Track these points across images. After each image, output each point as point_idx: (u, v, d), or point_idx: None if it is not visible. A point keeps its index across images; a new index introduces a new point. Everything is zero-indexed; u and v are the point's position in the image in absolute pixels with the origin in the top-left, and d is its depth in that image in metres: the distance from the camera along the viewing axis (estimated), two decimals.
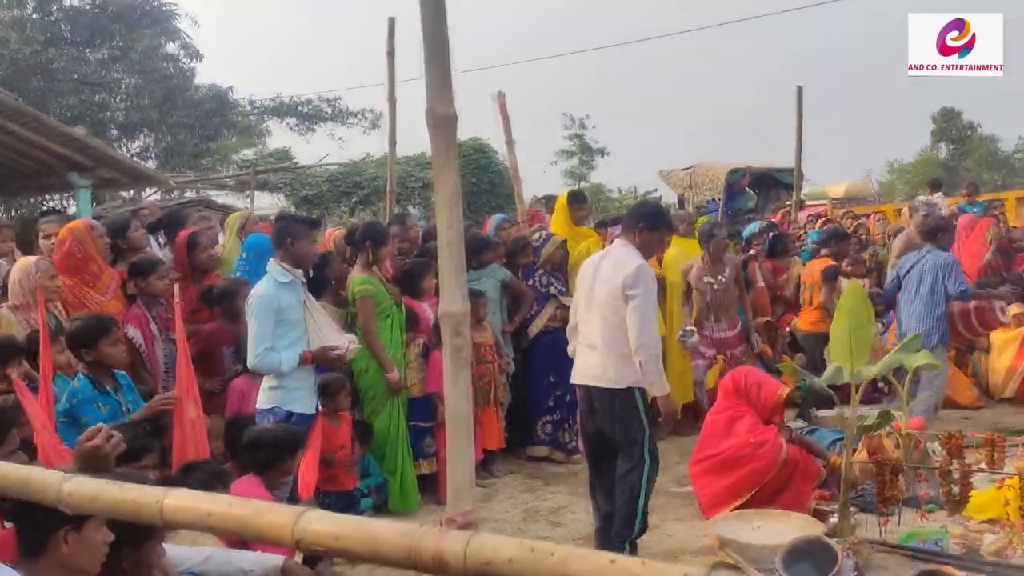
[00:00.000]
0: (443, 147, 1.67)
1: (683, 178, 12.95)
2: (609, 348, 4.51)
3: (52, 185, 11.29)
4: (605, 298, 4.52)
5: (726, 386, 5.43)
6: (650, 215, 4.81)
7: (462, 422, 1.60)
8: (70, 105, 19.87)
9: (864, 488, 5.08)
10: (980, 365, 8.26)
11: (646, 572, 1.34)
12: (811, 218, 11.44)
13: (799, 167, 9.53)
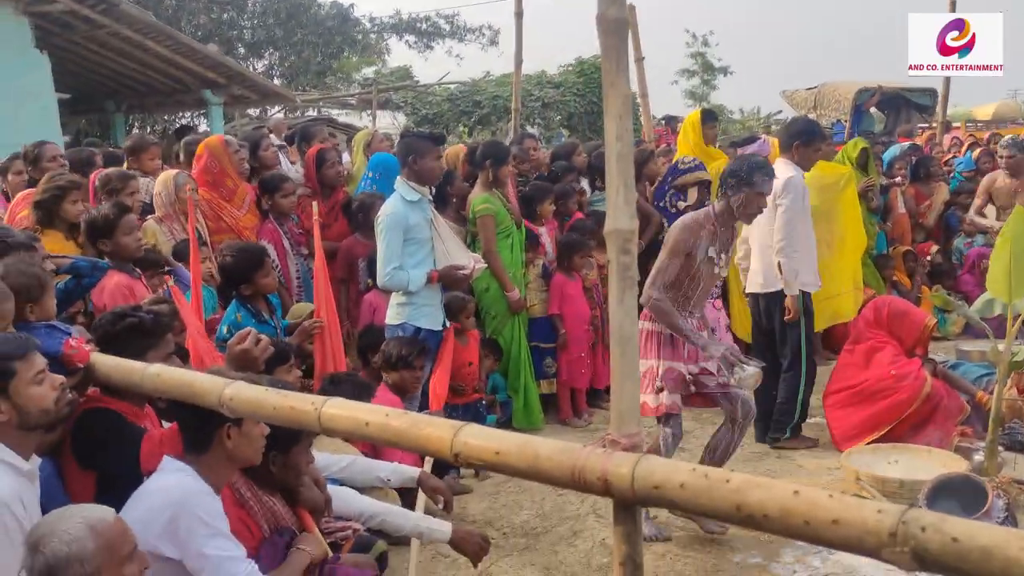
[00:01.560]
0: (614, 53, 1.57)
1: (807, 98, 12.30)
2: (763, 255, 5.07)
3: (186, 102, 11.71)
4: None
5: (867, 316, 5.20)
6: (804, 132, 5.19)
7: (628, 342, 1.55)
8: (200, 24, 20.42)
9: (1012, 426, 4.80)
10: None
11: (835, 505, 1.27)
12: (955, 141, 10.68)
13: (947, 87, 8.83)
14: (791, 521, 1.32)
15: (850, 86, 12.24)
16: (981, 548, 1.19)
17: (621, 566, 1.57)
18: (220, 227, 5.02)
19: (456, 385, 4.84)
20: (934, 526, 1.22)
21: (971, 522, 1.24)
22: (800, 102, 13.49)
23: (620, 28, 1.56)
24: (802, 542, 1.69)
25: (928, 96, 12.37)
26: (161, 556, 2.20)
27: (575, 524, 4.08)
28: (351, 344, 4.95)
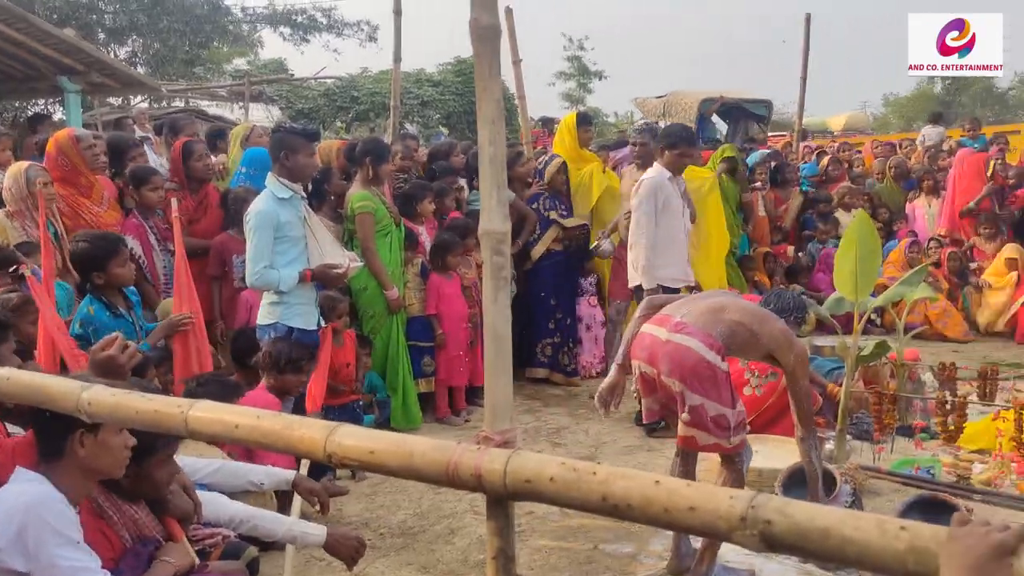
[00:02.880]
0: (487, 59, 1.60)
1: (657, 106, 12.91)
2: (629, 252, 5.58)
3: (40, 89, 10.99)
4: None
5: None
6: (667, 136, 5.50)
7: (501, 340, 1.58)
8: (56, 7, 19.23)
9: (859, 416, 5.16)
10: (971, 301, 8.35)
11: (693, 494, 1.34)
12: (807, 150, 11.36)
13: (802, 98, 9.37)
14: (652, 510, 1.38)
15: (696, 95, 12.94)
16: (820, 529, 1.28)
17: (494, 560, 1.60)
18: (79, 224, 4.75)
19: (333, 386, 4.78)
20: (779, 510, 1.31)
21: (812, 505, 1.35)
22: (651, 109, 14.17)
23: (492, 34, 1.59)
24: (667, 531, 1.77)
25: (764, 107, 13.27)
26: (11, 569, 2.08)
27: (452, 522, 4.11)
28: (225, 344, 4.81)
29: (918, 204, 9.40)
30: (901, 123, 29.21)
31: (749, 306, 3.64)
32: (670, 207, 5.40)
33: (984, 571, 1.16)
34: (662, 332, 3.45)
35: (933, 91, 32.76)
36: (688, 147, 5.47)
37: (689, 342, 3.35)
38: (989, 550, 1.16)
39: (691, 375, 3.31)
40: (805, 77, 8.77)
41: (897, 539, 1.26)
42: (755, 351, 3.60)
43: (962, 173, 9.06)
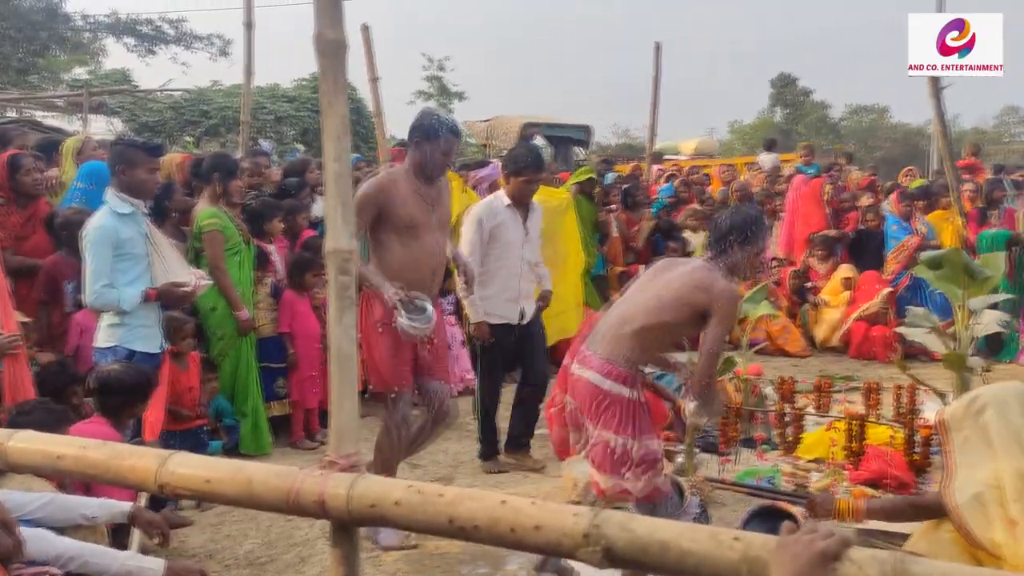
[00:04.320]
0: (332, 74, 1.58)
1: (483, 129, 13.39)
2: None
3: None
4: None
5: (584, 333, 5.56)
6: (512, 160, 5.10)
7: (346, 362, 1.54)
8: None
9: (707, 430, 5.37)
10: (809, 318, 8.90)
11: (538, 513, 1.35)
12: (660, 172, 11.85)
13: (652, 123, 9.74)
14: (499, 530, 1.38)
15: (518, 120, 13.52)
16: (660, 542, 1.32)
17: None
18: None
19: (175, 411, 4.55)
20: (621, 525, 1.34)
21: (653, 520, 1.38)
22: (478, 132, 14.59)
23: (337, 49, 1.56)
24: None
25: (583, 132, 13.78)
26: None
27: (303, 550, 3.97)
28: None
29: None
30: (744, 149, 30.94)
31: (659, 297, 3.40)
32: (501, 238, 5.01)
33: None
34: (573, 365, 3.43)
35: (773, 120, 34.95)
36: (534, 173, 5.07)
37: (587, 374, 3.34)
38: (814, 556, 1.23)
39: (591, 409, 3.29)
40: (656, 104, 9.12)
41: (731, 549, 1.31)
42: (682, 332, 3.60)
43: (800, 198, 9.68)
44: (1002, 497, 2.50)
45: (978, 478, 2.58)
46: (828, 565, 1.23)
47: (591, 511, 1.36)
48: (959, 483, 2.65)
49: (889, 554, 1.24)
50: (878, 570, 1.21)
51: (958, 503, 2.61)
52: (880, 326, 8.20)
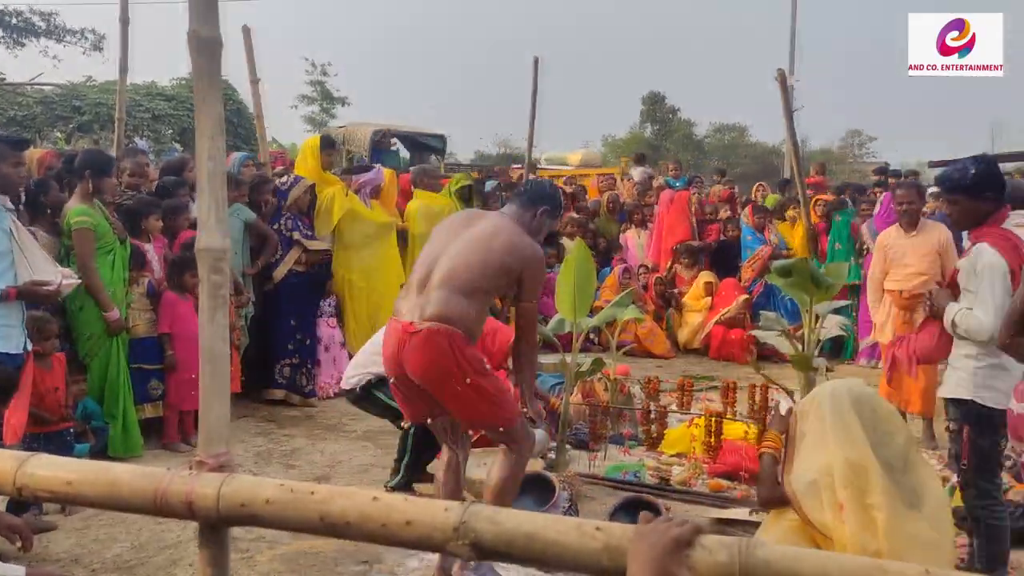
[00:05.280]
0: (206, 73, 1.59)
1: (338, 135, 13.70)
2: None
3: None
4: None
5: None
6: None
7: (218, 361, 1.56)
8: None
9: (578, 427, 5.55)
10: (673, 321, 9.31)
11: (409, 508, 1.40)
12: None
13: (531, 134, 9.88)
14: (370, 526, 1.43)
15: (368, 127, 13.88)
16: (526, 534, 1.40)
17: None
18: None
19: (38, 414, 4.33)
20: (489, 518, 1.41)
21: (520, 512, 1.46)
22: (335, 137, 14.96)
23: (212, 47, 1.58)
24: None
25: (439, 140, 14.15)
26: None
27: (174, 552, 3.89)
28: None
29: (630, 235, 10.38)
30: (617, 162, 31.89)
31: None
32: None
33: (663, 562, 1.32)
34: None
35: (644, 135, 36.12)
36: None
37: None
38: (668, 543, 1.33)
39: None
40: (534, 115, 9.26)
41: (593, 539, 1.40)
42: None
43: (669, 210, 10.11)
44: (833, 484, 2.73)
45: (814, 467, 2.81)
46: (682, 551, 1.33)
47: (461, 505, 1.43)
48: (798, 472, 2.87)
49: (736, 539, 1.36)
50: (726, 554, 1.32)
51: (796, 490, 2.83)
52: (738, 330, 8.68)
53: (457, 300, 3.37)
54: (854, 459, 2.72)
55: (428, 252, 3.58)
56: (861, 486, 2.66)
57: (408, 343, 3.35)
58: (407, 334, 3.36)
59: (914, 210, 5.91)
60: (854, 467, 2.70)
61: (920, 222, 5.92)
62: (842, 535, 2.66)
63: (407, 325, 3.38)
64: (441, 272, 3.42)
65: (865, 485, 2.67)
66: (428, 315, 3.35)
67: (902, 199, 6.02)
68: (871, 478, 2.68)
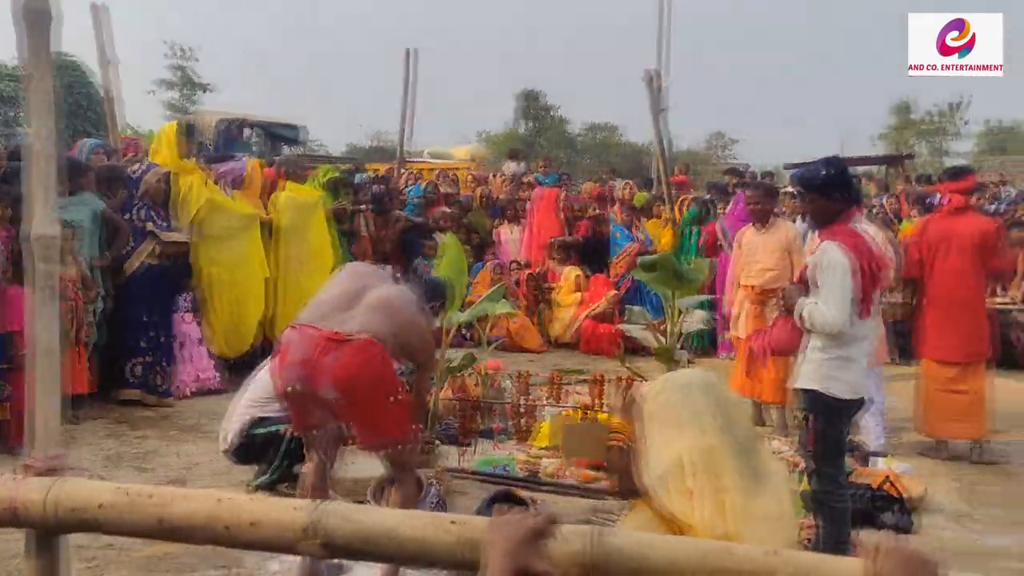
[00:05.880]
0: (36, 47, 1.47)
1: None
2: None
3: None
4: None
5: None
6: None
7: (50, 356, 1.45)
8: None
9: (448, 422, 5.53)
10: (545, 316, 9.45)
11: (256, 508, 1.35)
12: (411, 176, 12.04)
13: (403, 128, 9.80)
14: (215, 529, 1.36)
15: (215, 114, 13.72)
16: (380, 531, 1.38)
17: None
18: None
19: None
20: (343, 516, 1.38)
21: (373, 509, 1.43)
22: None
23: (42, 20, 1.47)
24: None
25: (294, 131, 14.25)
26: None
27: (9, 565, 3.60)
28: None
29: (503, 230, 10.43)
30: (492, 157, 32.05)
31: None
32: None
33: (518, 553, 1.32)
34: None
35: (519, 132, 36.47)
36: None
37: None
38: (523, 534, 1.33)
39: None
40: (405, 108, 9.19)
41: (448, 533, 1.39)
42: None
43: (539, 206, 10.25)
44: (683, 472, 2.82)
45: (665, 456, 2.89)
46: (536, 541, 1.34)
47: (312, 504, 1.38)
48: (650, 462, 2.95)
49: (591, 528, 1.38)
50: (581, 542, 1.34)
51: (648, 482, 2.90)
52: (607, 324, 8.89)
53: (386, 326, 3.36)
54: (706, 444, 2.81)
55: (349, 279, 3.62)
56: (713, 471, 2.76)
57: (334, 351, 3.27)
58: (333, 342, 3.29)
59: (763, 209, 6.19)
60: (706, 452, 2.80)
61: (771, 220, 6.21)
62: (695, 521, 2.75)
63: (332, 334, 3.30)
64: (375, 299, 3.44)
65: (717, 469, 2.77)
66: (359, 328, 3.31)
67: (752, 199, 6.33)
68: (723, 462, 2.78)
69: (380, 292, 3.50)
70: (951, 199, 5.70)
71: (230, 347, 6.96)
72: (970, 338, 5.56)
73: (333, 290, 3.57)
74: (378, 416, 3.34)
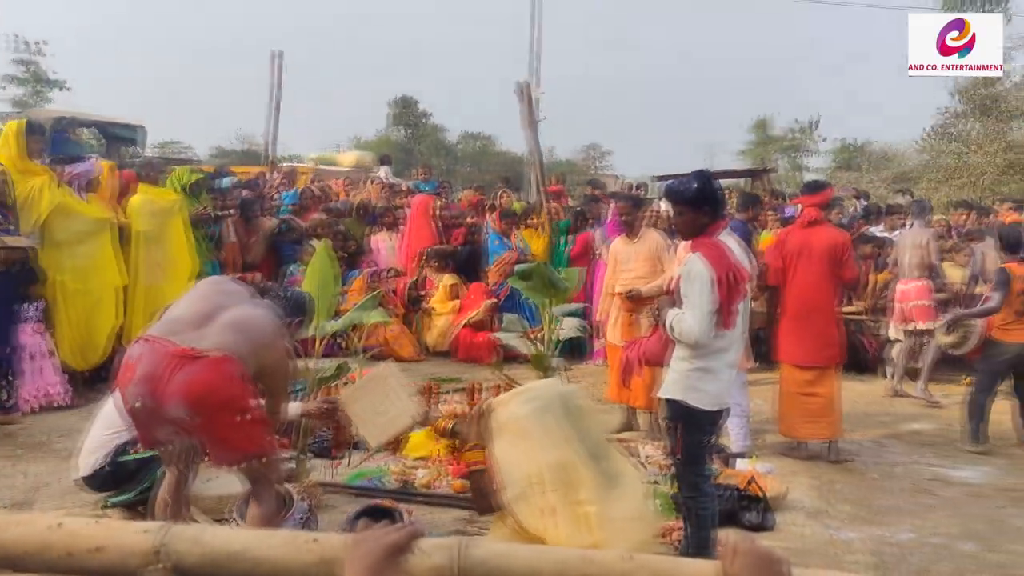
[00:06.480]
0: None
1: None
2: None
3: None
4: None
5: None
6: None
7: None
8: None
9: (320, 435, 5.38)
10: (421, 324, 9.38)
11: (100, 532, 1.25)
12: (284, 180, 11.77)
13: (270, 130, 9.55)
14: (52, 555, 1.26)
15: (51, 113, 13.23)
16: (233, 553, 1.30)
17: None
18: None
19: None
20: (192, 539, 1.30)
21: (227, 530, 1.36)
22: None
23: None
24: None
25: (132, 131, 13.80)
26: None
27: None
28: None
29: (379, 238, 10.27)
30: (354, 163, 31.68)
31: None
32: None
33: (378, 569, 1.28)
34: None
35: (394, 138, 36.22)
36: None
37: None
38: (384, 550, 1.30)
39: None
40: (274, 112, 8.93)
41: (308, 551, 1.34)
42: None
43: (415, 214, 10.17)
44: (542, 489, 2.83)
45: (521, 474, 2.90)
46: (397, 557, 1.30)
47: (160, 526, 1.30)
48: (507, 481, 2.95)
49: (454, 540, 1.35)
50: (444, 555, 1.32)
51: (508, 500, 2.90)
52: (483, 332, 8.90)
53: (242, 345, 3.26)
54: (559, 459, 2.83)
55: (205, 296, 3.49)
56: (571, 483, 2.79)
57: (187, 367, 3.13)
58: (186, 359, 3.14)
59: (631, 220, 6.36)
60: (560, 468, 2.82)
61: (640, 230, 6.38)
62: (556, 537, 2.76)
63: (185, 350, 3.15)
64: (232, 317, 3.33)
65: (573, 483, 2.79)
66: (214, 345, 3.18)
67: (620, 210, 6.51)
68: (579, 473, 2.81)
69: (239, 311, 3.39)
70: (808, 212, 6.01)
71: (81, 359, 6.56)
72: (824, 344, 5.87)
73: (189, 305, 3.42)
74: (229, 434, 3.22)
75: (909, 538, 4.49)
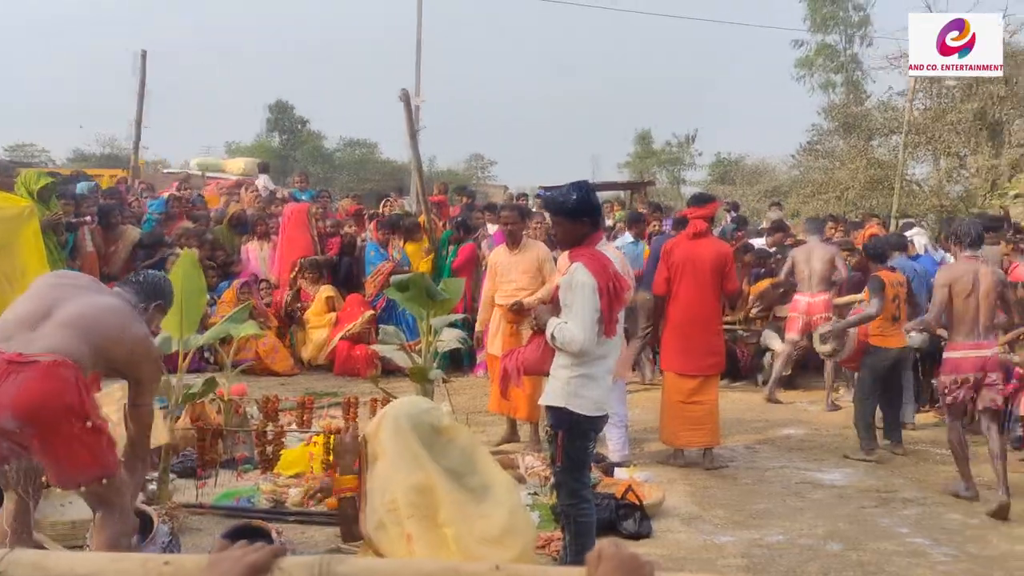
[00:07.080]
0: None
1: None
2: None
3: None
4: None
5: None
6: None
7: None
8: None
9: (186, 454, 5.11)
10: (297, 337, 9.09)
11: None
12: (146, 187, 11.28)
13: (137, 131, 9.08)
14: None
15: None
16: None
17: None
18: None
19: None
20: (34, 564, 1.20)
21: (73, 554, 1.26)
22: None
23: None
24: None
25: None
26: None
27: None
28: None
29: (251, 247, 9.88)
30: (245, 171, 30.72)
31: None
32: None
33: None
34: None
35: (271, 144, 35.27)
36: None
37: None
38: (242, 570, 1.20)
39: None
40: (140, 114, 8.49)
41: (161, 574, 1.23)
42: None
43: (290, 223, 9.86)
44: (399, 517, 2.74)
45: (381, 503, 2.80)
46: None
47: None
48: (368, 510, 2.85)
49: (317, 558, 1.29)
50: (307, 573, 1.24)
51: (367, 531, 2.81)
52: (362, 345, 8.69)
53: (80, 344, 3.03)
54: (418, 482, 2.75)
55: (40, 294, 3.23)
56: (429, 506, 2.71)
57: (15, 375, 2.87)
58: (13, 365, 2.88)
59: (515, 230, 6.35)
60: (419, 490, 2.74)
61: (523, 241, 6.38)
62: None
63: (12, 356, 2.90)
64: (68, 314, 3.09)
65: (433, 505, 2.72)
66: (45, 348, 2.94)
67: (505, 220, 6.49)
68: (437, 495, 2.74)
69: (78, 305, 3.14)
70: (695, 224, 6.13)
71: None
72: (707, 353, 6.01)
73: (20, 307, 3.16)
74: (70, 447, 2.97)
75: (779, 540, 4.63)
